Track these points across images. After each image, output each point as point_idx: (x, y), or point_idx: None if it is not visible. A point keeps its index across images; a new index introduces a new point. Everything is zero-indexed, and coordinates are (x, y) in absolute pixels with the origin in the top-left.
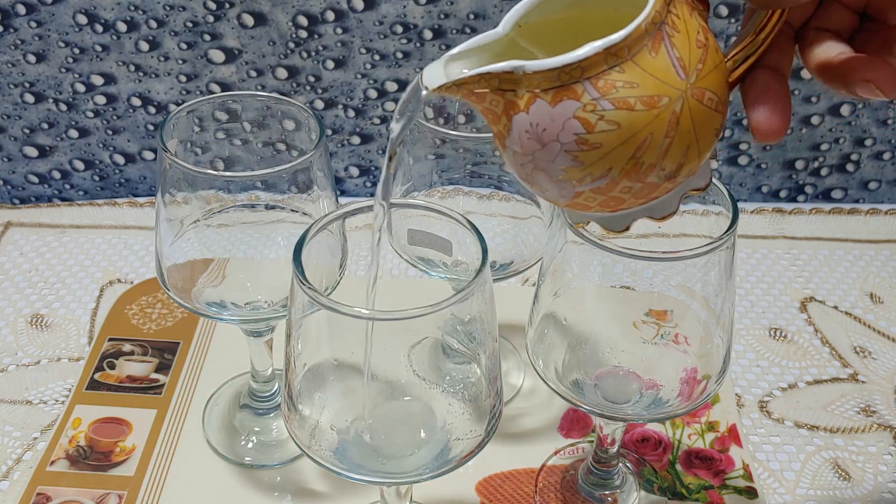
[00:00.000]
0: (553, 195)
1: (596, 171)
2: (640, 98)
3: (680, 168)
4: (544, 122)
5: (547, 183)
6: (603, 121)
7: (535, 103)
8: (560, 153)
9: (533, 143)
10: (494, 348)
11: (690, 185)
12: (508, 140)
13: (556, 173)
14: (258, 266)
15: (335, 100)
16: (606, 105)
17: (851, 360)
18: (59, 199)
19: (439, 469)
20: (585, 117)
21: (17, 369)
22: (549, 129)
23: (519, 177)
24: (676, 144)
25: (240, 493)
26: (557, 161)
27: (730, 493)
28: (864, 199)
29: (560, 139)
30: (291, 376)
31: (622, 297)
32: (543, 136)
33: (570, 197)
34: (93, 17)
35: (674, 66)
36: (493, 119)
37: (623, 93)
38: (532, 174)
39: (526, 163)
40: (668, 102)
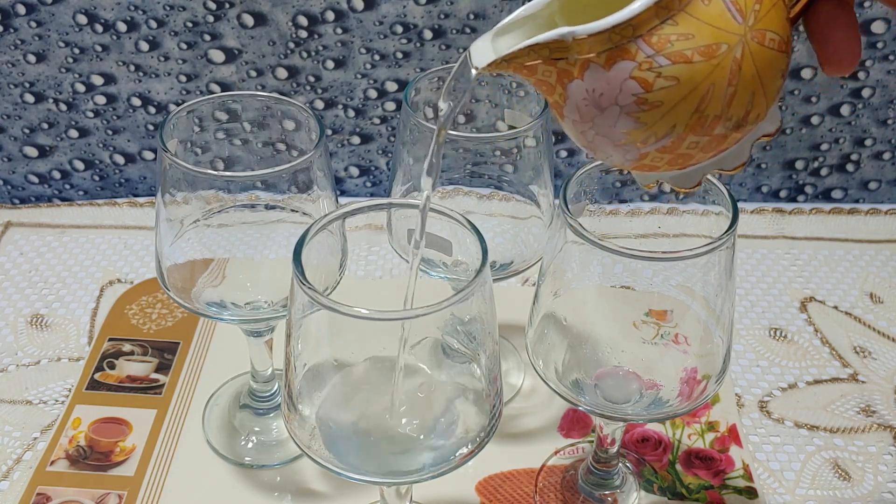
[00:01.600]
0: (619, 160)
1: (660, 130)
2: (697, 49)
3: (747, 116)
4: (601, 87)
5: (611, 148)
6: (661, 77)
7: (589, 68)
8: (621, 116)
9: (591, 109)
10: (494, 348)
11: (760, 131)
12: (566, 109)
13: (618, 137)
14: (258, 266)
15: (335, 100)
16: (663, 61)
17: (851, 360)
18: (59, 199)
19: (439, 469)
20: (642, 76)
21: (17, 369)
22: (607, 93)
23: (581, 145)
24: (741, 92)
25: (240, 493)
26: (619, 124)
27: (730, 493)
28: (864, 199)
29: (619, 102)
30: (291, 376)
31: (622, 297)
32: (601, 100)
33: (636, 159)
34: (93, 17)
35: (729, 10)
36: (548, 90)
37: (679, 46)
38: (594, 141)
39: (587, 130)
40: (727, 50)
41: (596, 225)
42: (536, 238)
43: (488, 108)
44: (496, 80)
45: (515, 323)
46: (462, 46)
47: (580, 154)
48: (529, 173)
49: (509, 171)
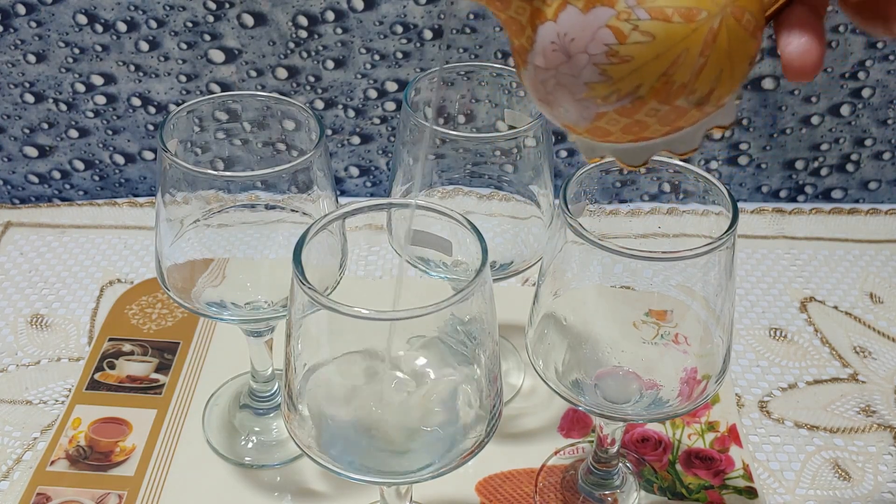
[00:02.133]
0: (573, 117)
1: (624, 87)
2: (679, 9)
3: (710, 94)
4: (573, 31)
5: (569, 101)
6: (637, 31)
7: (565, 10)
8: (587, 66)
9: (559, 55)
10: (494, 348)
11: (715, 120)
12: (531, 54)
13: (580, 90)
14: (258, 266)
15: (335, 100)
16: (642, 14)
17: (851, 360)
18: (59, 199)
19: (439, 469)
20: (618, 26)
21: (17, 369)
22: (578, 39)
23: (537, 97)
24: (711, 65)
25: (240, 493)
26: (584, 74)
27: (730, 493)
28: (864, 199)
29: (589, 50)
30: (291, 376)
31: (622, 297)
32: (571, 46)
33: (591, 119)
34: (93, 17)
35: None
36: (517, 31)
37: (661, 2)
38: (553, 91)
39: (548, 78)
40: (706, 17)
41: (596, 225)
42: (536, 238)
43: (488, 108)
44: (496, 80)
45: (515, 323)
46: (462, 47)
47: (580, 154)
48: (529, 173)
49: (509, 171)
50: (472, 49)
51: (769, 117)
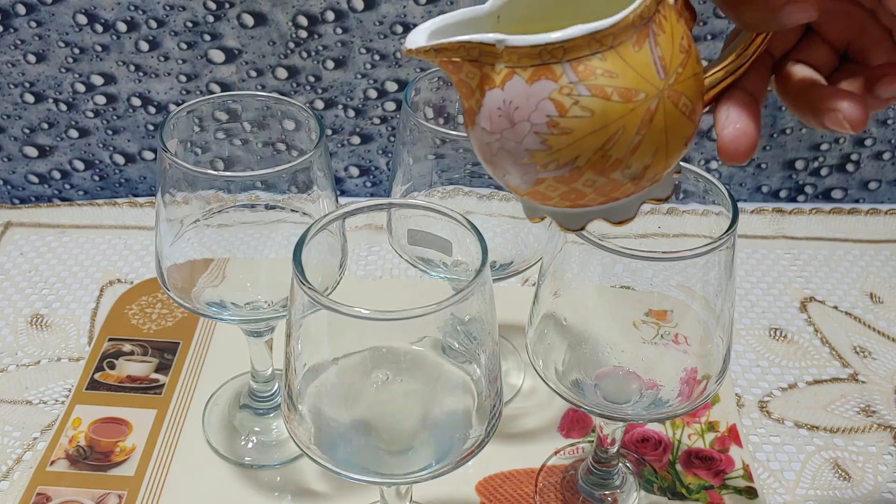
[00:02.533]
0: (515, 180)
1: (562, 157)
2: (618, 89)
3: (645, 170)
4: (518, 100)
5: (511, 165)
6: (577, 106)
7: (511, 79)
8: (529, 134)
9: (503, 120)
10: (494, 348)
11: (651, 193)
12: (478, 116)
13: (521, 155)
14: (258, 266)
15: (335, 100)
16: (583, 90)
17: (851, 360)
18: (59, 199)
19: (439, 469)
20: (560, 100)
21: (17, 369)
22: (522, 108)
23: (482, 157)
24: (646, 143)
25: (240, 493)
26: (525, 141)
27: (730, 493)
28: (864, 199)
29: (531, 119)
30: (291, 376)
31: (622, 297)
32: (515, 114)
33: (531, 184)
34: (93, 17)
35: (655, 63)
36: (467, 93)
37: (602, 81)
38: (497, 155)
39: (493, 142)
40: (644, 98)
41: (596, 225)
42: (536, 238)
43: None
44: None
45: (515, 323)
46: None
47: None
48: None
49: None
50: None
51: (769, 117)
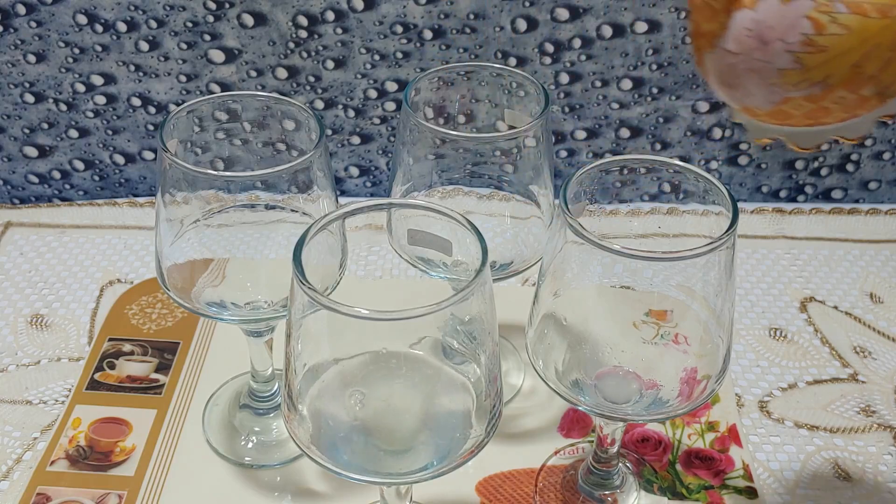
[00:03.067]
0: (757, 100)
1: (815, 75)
2: (875, 5)
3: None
4: (772, 20)
5: (756, 86)
6: (835, 23)
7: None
8: (782, 53)
9: (753, 41)
10: (494, 348)
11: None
12: (722, 39)
13: (771, 75)
14: (258, 266)
15: (335, 100)
16: (841, 7)
17: (851, 360)
18: (59, 199)
19: (439, 469)
20: (818, 17)
21: (17, 369)
22: (776, 27)
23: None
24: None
25: (240, 493)
26: (778, 61)
27: (730, 493)
28: (864, 199)
29: (785, 38)
30: (291, 376)
31: (622, 297)
32: (767, 33)
33: (776, 102)
34: (93, 17)
35: None
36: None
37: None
38: (741, 75)
39: (737, 63)
40: None
41: (596, 225)
42: (536, 238)
43: (488, 108)
44: (496, 80)
45: (515, 323)
46: (462, 46)
47: (580, 154)
48: (529, 173)
49: (509, 171)
50: (472, 49)
51: None
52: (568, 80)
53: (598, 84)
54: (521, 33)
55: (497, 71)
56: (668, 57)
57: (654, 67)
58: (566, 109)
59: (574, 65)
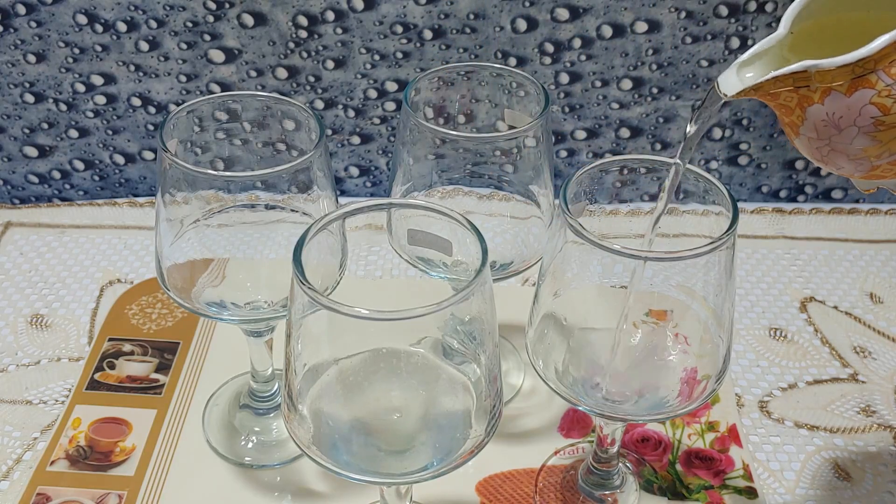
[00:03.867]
0: (849, 170)
1: (893, 146)
2: None
3: None
4: (840, 111)
5: (844, 161)
6: None
7: (829, 95)
8: (858, 135)
9: (830, 129)
10: (494, 348)
11: None
12: (803, 128)
13: (854, 153)
14: (258, 266)
15: (335, 100)
16: None
17: (851, 360)
18: (59, 199)
19: (439, 469)
20: (881, 102)
21: (17, 369)
22: (846, 116)
23: (812, 158)
24: None
25: (240, 493)
26: (855, 142)
27: (730, 493)
28: (865, 199)
29: (857, 123)
30: (291, 376)
31: (622, 297)
32: (840, 122)
33: (866, 171)
34: (93, 17)
35: None
36: (786, 112)
37: None
38: (829, 155)
39: (822, 146)
40: None
41: (596, 225)
42: (536, 238)
43: (488, 108)
44: (496, 80)
45: (515, 323)
46: (462, 46)
47: (580, 154)
48: (529, 173)
49: (509, 171)
50: (472, 49)
51: (769, 117)
52: (568, 80)
53: (598, 84)
54: (521, 33)
55: (497, 71)
56: (668, 57)
57: (654, 67)
58: (566, 109)
59: (574, 65)
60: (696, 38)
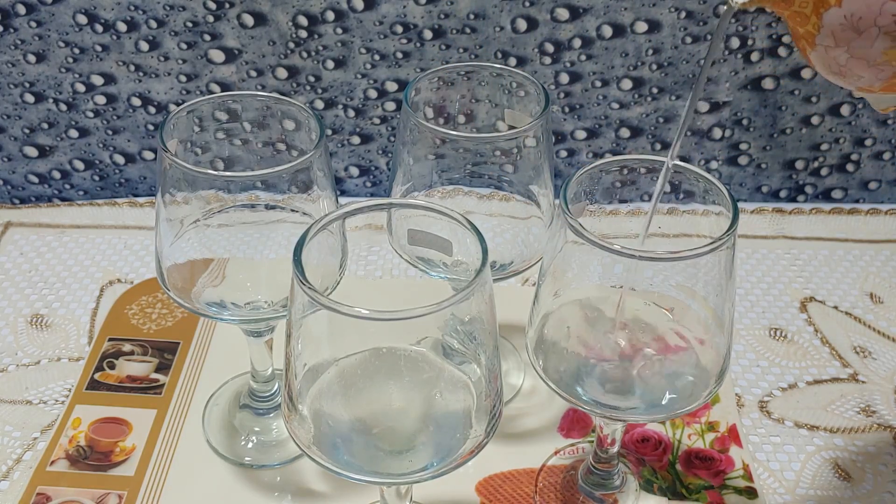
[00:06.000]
0: (868, 80)
1: None
2: None
3: None
4: (860, 11)
5: (864, 69)
6: None
7: None
8: (879, 36)
9: (848, 33)
10: (495, 348)
11: None
12: (819, 37)
13: (875, 56)
14: (258, 266)
15: (335, 100)
16: None
17: (851, 360)
18: (59, 199)
19: (439, 469)
20: None
21: (17, 369)
22: (866, 16)
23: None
24: None
25: (240, 493)
26: (877, 44)
27: (730, 493)
28: (864, 199)
29: (878, 23)
30: (291, 376)
31: (622, 296)
32: (860, 24)
33: (886, 79)
34: (93, 17)
35: None
36: (801, 21)
37: None
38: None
39: (840, 54)
40: None
41: (596, 225)
42: (536, 238)
43: (488, 108)
44: (496, 80)
45: (515, 323)
46: (462, 46)
47: (580, 154)
48: (529, 173)
49: (509, 171)
50: (472, 49)
51: (769, 117)
52: (568, 80)
53: (598, 84)
54: (521, 33)
55: (497, 71)
56: (668, 57)
57: (654, 67)
58: (566, 109)
59: (574, 65)
60: (696, 38)
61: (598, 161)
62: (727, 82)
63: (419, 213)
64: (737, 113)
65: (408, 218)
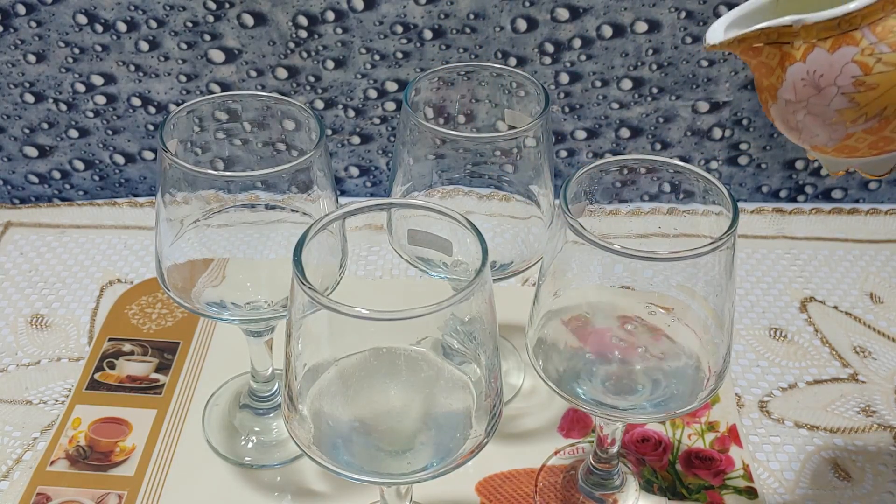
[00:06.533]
0: (822, 140)
1: (871, 110)
2: None
3: None
4: (822, 69)
5: (819, 127)
6: (880, 63)
7: (812, 52)
8: (837, 96)
9: (809, 89)
10: (495, 348)
11: None
12: (781, 90)
13: (830, 116)
14: (258, 266)
15: (335, 100)
16: (884, 48)
17: (851, 360)
18: (59, 199)
19: (439, 469)
20: (864, 60)
21: (17, 369)
22: (827, 74)
23: (786, 126)
24: None
25: (240, 493)
26: (833, 103)
27: (730, 493)
28: (865, 199)
29: (837, 83)
30: (291, 376)
31: (622, 296)
32: (820, 81)
33: (839, 140)
34: (93, 17)
35: None
36: (767, 72)
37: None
38: (804, 120)
39: (798, 109)
40: None
41: (596, 225)
42: (536, 238)
43: (488, 108)
44: (496, 80)
45: (515, 323)
46: (462, 46)
47: (580, 154)
48: (529, 173)
49: (509, 171)
50: (472, 49)
51: None
52: (568, 80)
53: (598, 84)
54: (521, 33)
55: (497, 71)
56: (668, 57)
57: (654, 67)
58: (566, 109)
59: (574, 65)
60: (696, 38)
61: (598, 161)
62: (727, 82)
63: (419, 213)
64: (737, 113)
65: (408, 218)
